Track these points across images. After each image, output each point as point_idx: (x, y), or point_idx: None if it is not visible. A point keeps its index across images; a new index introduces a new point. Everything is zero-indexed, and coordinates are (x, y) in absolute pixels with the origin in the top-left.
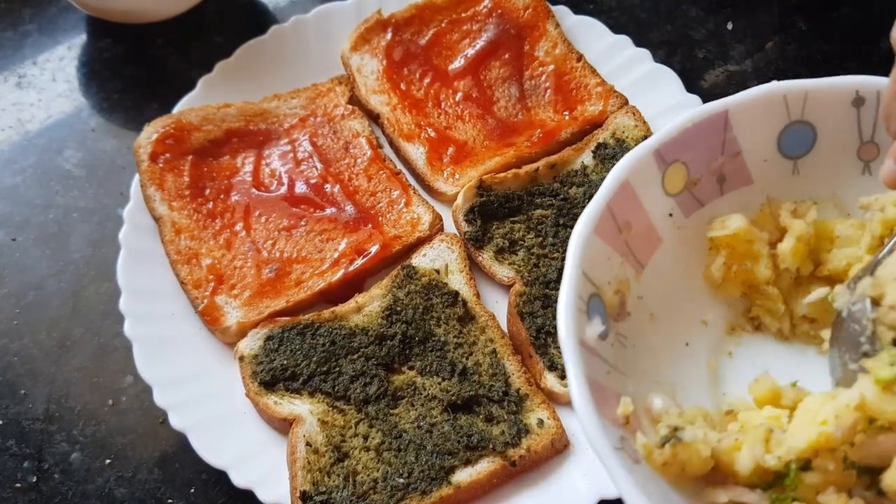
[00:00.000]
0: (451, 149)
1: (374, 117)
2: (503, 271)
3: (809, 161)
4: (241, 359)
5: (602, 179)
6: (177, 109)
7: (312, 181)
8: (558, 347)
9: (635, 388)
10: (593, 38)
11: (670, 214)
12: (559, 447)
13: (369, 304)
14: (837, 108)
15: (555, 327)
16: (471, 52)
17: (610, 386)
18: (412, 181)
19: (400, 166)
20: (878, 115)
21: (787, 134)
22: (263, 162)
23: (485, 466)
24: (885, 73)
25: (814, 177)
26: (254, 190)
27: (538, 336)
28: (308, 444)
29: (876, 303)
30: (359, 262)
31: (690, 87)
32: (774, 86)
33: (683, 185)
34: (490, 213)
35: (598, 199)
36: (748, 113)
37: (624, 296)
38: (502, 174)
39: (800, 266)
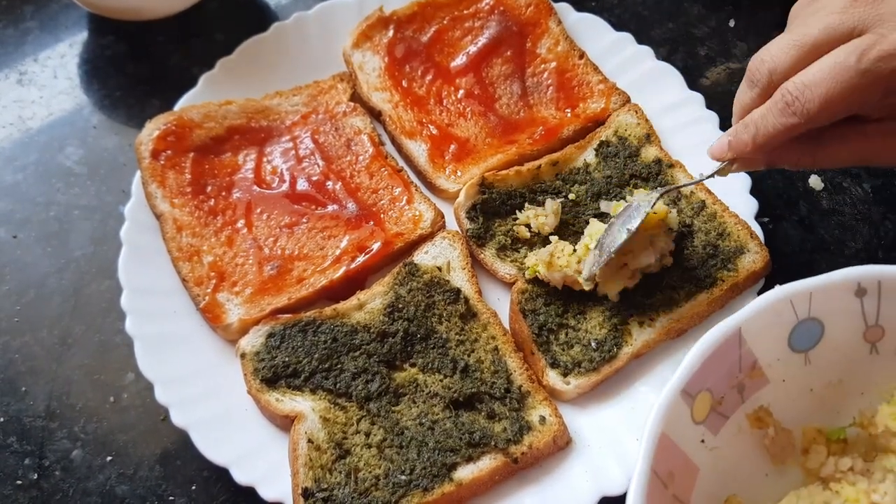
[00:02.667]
0: (452, 146)
1: (375, 114)
2: (505, 268)
3: (819, 351)
4: (243, 356)
5: (604, 177)
6: (178, 106)
7: (314, 178)
8: (560, 344)
9: None
10: (595, 35)
11: (702, 440)
12: (561, 444)
13: (371, 302)
14: (842, 301)
15: (557, 324)
16: (473, 49)
17: None
18: (414, 178)
19: (402, 163)
20: (881, 301)
21: (797, 332)
22: (265, 159)
23: (487, 463)
24: None
25: (824, 365)
26: (255, 187)
27: (540, 333)
28: (310, 440)
29: None
30: (360, 259)
31: (692, 84)
32: (779, 292)
33: (709, 409)
34: (492, 210)
35: (643, 467)
36: (759, 324)
37: None
38: (504, 171)
39: None
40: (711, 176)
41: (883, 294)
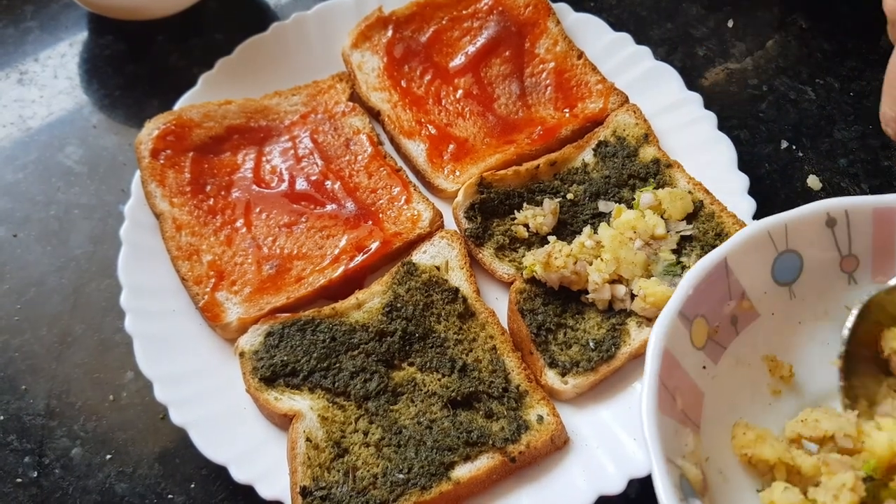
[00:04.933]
0: (451, 146)
1: (374, 114)
2: (503, 268)
3: (801, 284)
4: (242, 355)
5: (603, 177)
6: (178, 106)
7: (313, 178)
8: (558, 344)
9: None
10: (594, 35)
11: (704, 367)
12: (559, 443)
13: (370, 301)
14: (815, 232)
15: (555, 324)
16: (471, 49)
17: None
18: (413, 178)
19: (400, 163)
20: (850, 230)
21: (778, 264)
22: (264, 158)
23: (484, 462)
24: (885, 70)
25: (808, 297)
26: (254, 186)
27: (539, 333)
28: (308, 439)
29: None
30: (359, 258)
31: (691, 84)
32: (757, 224)
33: (707, 336)
34: (490, 210)
35: (651, 375)
36: (742, 255)
37: (700, 465)
38: (503, 171)
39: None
40: None
41: (852, 223)
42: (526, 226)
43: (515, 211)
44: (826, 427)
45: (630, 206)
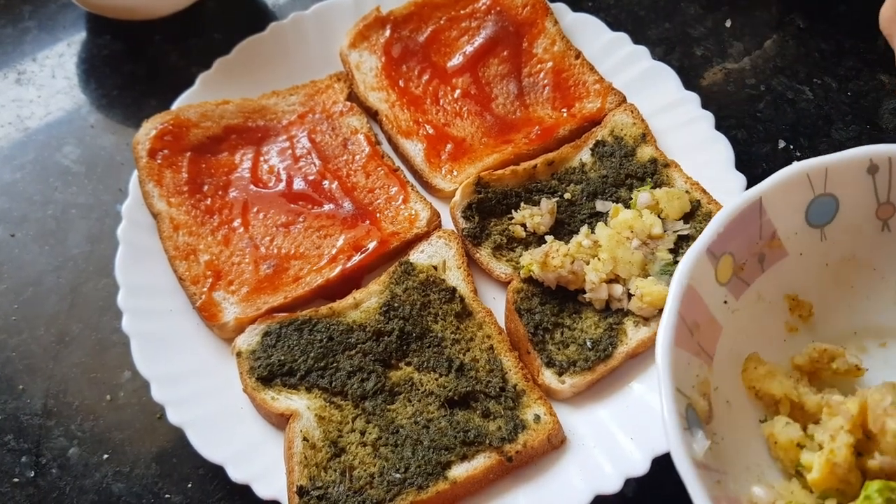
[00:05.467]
0: (449, 146)
1: (372, 114)
2: (501, 268)
3: (834, 227)
4: (239, 354)
5: (600, 177)
6: (175, 106)
7: (311, 178)
8: (556, 343)
9: (735, 485)
10: (592, 35)
11: (725, 302)
12: (555, 443)
13: (367, 301)
14: (855, 177)
15: (552, 323)
16: (469, 49)
17: (722, 494)
18: (410, 178)
19: (398, 163)
20: (892, 178)
21: (813, 207)
22: (262, 158)
23: (481, 462)
24: (883, 70)
25: (839, 240)
26: (252, 186)
27: (536, 332)
28: (305, 439)
29: None
30: (356, 258)
31: (689, 84)
32: (797, 166)
33: (732, 273)
34: (488, 209)
35: (670, 310)
36: (778, 195)
37: (708, 395)
38: (500, 171)
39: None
40: None
41: (894, 172)
42: (523, 225)
43: (513, 210)
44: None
45: (627, 206)
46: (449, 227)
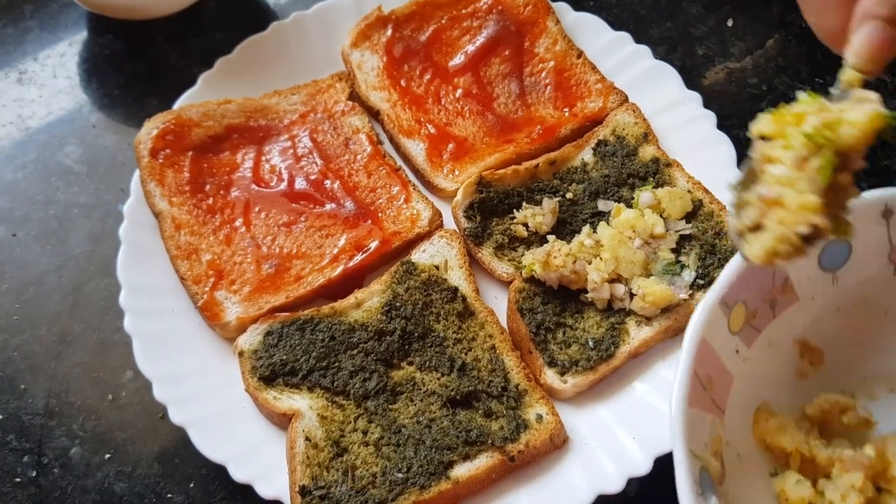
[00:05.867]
0: (450, 145)
1: (374, 114)
2: (502, 267)
3: (847, 271)
4: (241, 354)
5: (602, 177)
6: (177, 105)
7: (312, 177)
8: (558, 343)
9: None
10: (593, 34)
11: (737, 351)
12: (558, 442)
13: (369, 300)
14: (869, 222)
15: (554, 323)
16: (471, 48)
17: None
18: (412, 177)
19: (400, 163)
20: None
21: (827, 251)
22: (263, 158)
23: (483, 461)
24: (884, 70)
25: (851, 284)
26: (254, 186)
27: (538, 332)
28: (307, 438)
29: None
30: (358, 257)
31: (690, 84)
32: None
33: (744, 321)
34: (490, 209)
35: (684, 369)
36: None
37: (720, 453)
38: (502, 171)
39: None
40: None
41: None
42: (525, 225)
43: (515, 210)
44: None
45: (629, 206)
46: (451, 226)
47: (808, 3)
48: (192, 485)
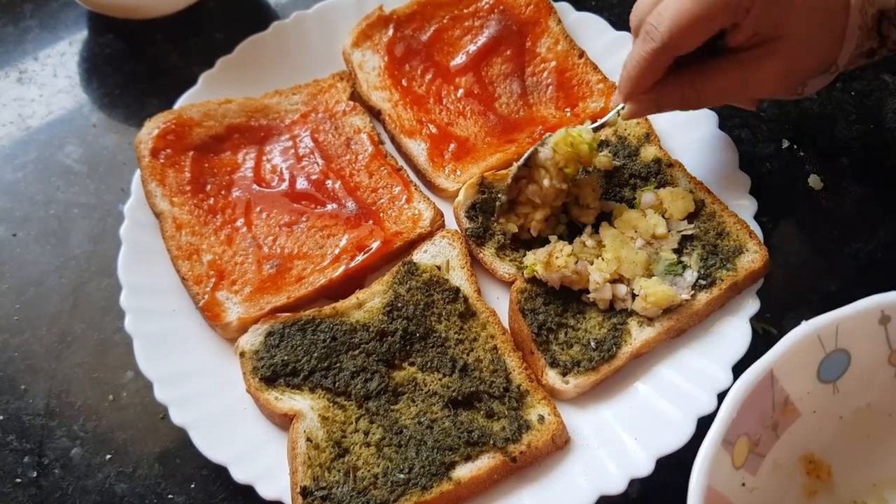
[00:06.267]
0: (452, 145)
1: (375, 113)
2: (504, 268)
3: (846, 379)
4: (242, 354)
5: (604, 177)
6: (178, 105)
7: (314, 177)
8: (560, 344)
9: None
10: (595, 34)
11: (743, 484)
12: (560, 443)
13: (370, 301)
14: (866, 330)
15: (556, 323)
16: (472, 48)
17: None
18: (413, 177)
19: (401, 162)
20: None
21: (825, 364)
22: (265, 158)
23: (485, 462)
24: (887, 70)
25: (852, 391)
26: (255, 186)
27: (540, 332)
28: (308, 439)
29: None
30: (360, 258)
31: None
32: (807, 328)
33: (748, 452)
34: (491, 209)
35: None
36: (789, 362)
37: None
38: (504, 171)
39: None
40: (603, 123)
41: None
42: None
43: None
44: None
45: (631, 206)
46: (452, 226)
47: None
48: (193, 485)
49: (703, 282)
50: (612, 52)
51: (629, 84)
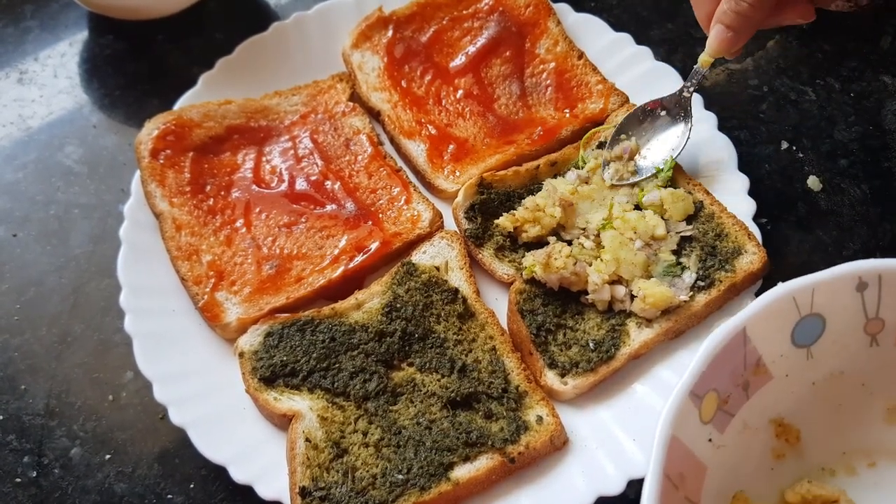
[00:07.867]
0: (451, 146)
1: (374, 114)
2: (503, 268)
3: (821, 345)
4: (241, 355)
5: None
6: (178, 106)
7: (313, 178)
8: (558, 345)
9: None
10: (594, 35)
11: (710, 440)
12: (558, 444)
13: (369, 301)
14: (843, 296)
15: (555, 324)
16: (472, 49)
17: None
18: (413, 178)
19: (400, 163)
20: (881, 293)
21: (799, 328)
22: (264, 158)
23: (483, 463)
24: (886, 71)
25: (826, 357)
26: (254, 186)
27: (538, 333)
28: (307, 439)
29: None
30: (359, 258)
31: None
32: (783, 289)
33: (716, 408)
34: (490, 210)
35: (654, 473)
36: (763, 322)
37: None
38: (503, 172)
39: None
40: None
41: (883, 287)
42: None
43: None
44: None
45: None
46: (451, 227)
47: None
48: (192, 485)
49: (701, 283)
50: (611, 53)
51: (745, 21)
